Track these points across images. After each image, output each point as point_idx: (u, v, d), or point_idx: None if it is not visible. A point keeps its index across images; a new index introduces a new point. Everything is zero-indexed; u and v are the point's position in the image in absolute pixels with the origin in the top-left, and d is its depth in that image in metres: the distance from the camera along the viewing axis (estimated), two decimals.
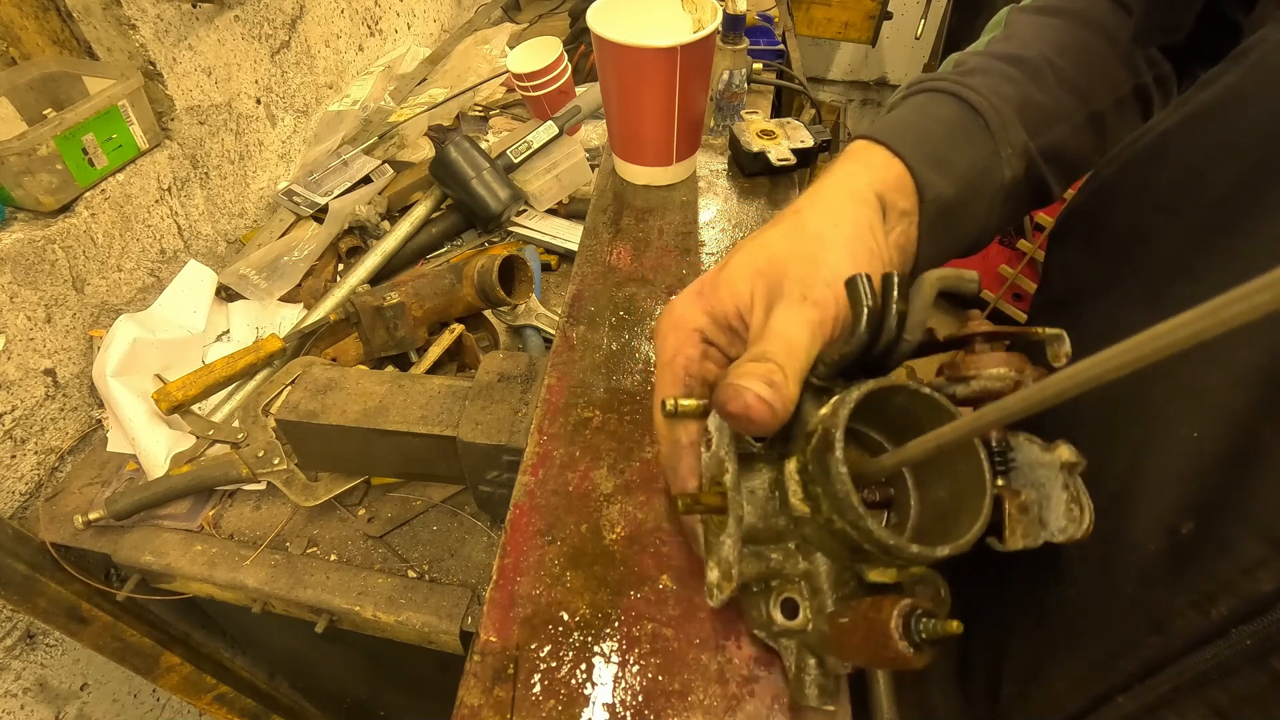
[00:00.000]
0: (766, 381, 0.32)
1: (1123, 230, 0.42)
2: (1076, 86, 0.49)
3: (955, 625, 0.27)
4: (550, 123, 1.13)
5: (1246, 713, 0.32)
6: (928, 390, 0.33)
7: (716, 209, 0.69)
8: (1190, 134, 0.39)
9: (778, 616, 0.34)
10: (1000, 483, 0.33)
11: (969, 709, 0.50)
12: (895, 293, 0.33)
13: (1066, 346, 0.33)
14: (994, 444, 0.34)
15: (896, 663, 0.27)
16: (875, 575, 0.33)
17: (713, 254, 0.64)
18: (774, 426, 0.33)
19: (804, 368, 0.35)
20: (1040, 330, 0.34)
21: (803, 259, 0.38)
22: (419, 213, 1.12)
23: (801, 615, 0.34)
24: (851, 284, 0.34)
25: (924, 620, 0.27)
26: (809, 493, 0.33)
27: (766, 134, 0.72)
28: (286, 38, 1.22)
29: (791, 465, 0.34)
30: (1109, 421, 0.39)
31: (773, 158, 0.70)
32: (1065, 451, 0.33)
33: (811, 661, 0.35)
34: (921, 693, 0.56)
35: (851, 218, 0.40)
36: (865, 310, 0.33)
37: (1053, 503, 0.33)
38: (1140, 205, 0.41)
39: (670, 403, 0.36)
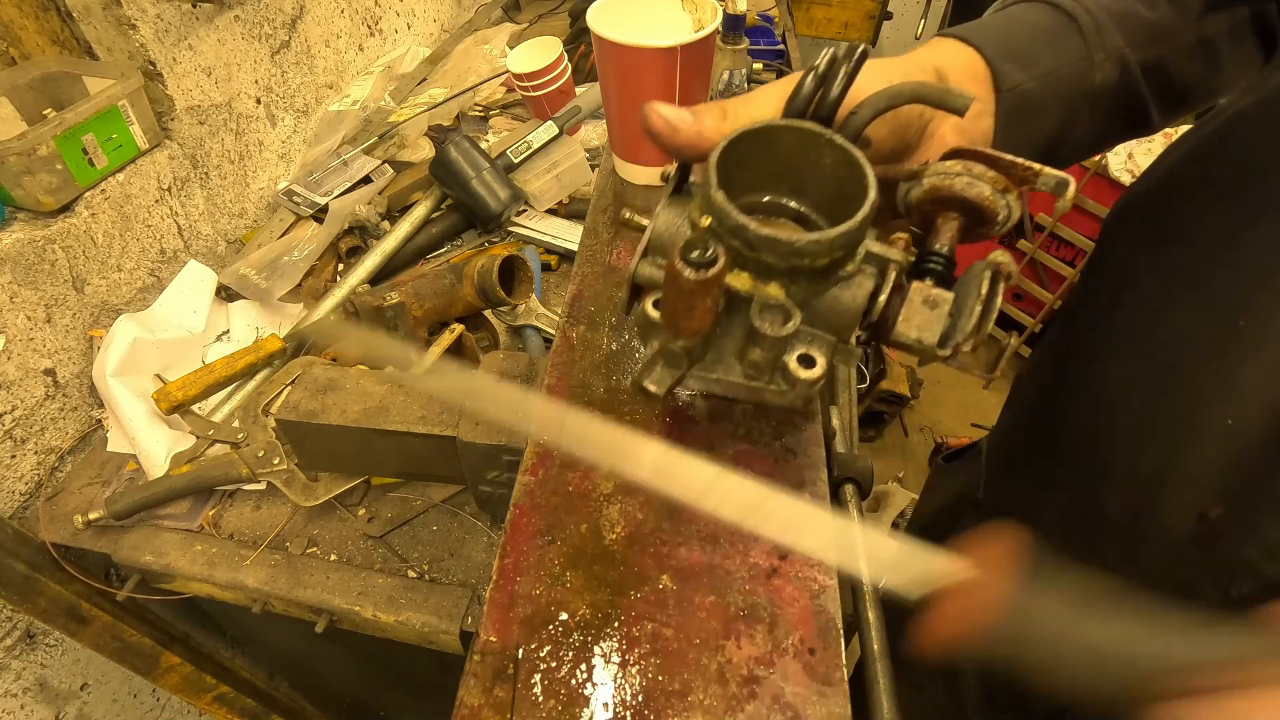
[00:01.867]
0: (678, 111, 0.36)
1: (1185, 218, 0.42)
2: (1186, 7, 0.46)
3: (722, 255, 0.31)
4: (550, 123, 1.13)
5: None
6: (812, 127, 0.35)
7: None
8: (1263, 120, 0.38)
9: (649, 310, 0.37)
10: (927, 285, 0.35)
11: (991, 685, 0.51)
12: (850, 63, 0.36)
13: (1071, 191, 0.34)
14: (942, 249, 0.35)
15: (683, 289, 0.31)
16: (732, 279, 0.35)
17: None
18: (677, 144, 0.37)
19: (745, 114, 0.37)
20: (1036, 166, 0.34)
21: None
22: (419, 213, 1.12)
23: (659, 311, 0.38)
24: (823, 51, 0.37)
25: (694, 252, 0.31)
26: (704, 212, 0.36)
27: None
28: (286, 38, 1.22)
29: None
30: (1150, 408, 0.40)
31: None
32: (998, 254, 0.34)
33: (655, 348, 0.38)
34: (948, 674, 0.57)
35: (890, 62, 0.40)
36: (816, 66, 0.36)
37: (966, 306, 0.34)
38: (1204, 193, 0.41)
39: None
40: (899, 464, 2.14)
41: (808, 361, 0.36)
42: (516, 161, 1.11)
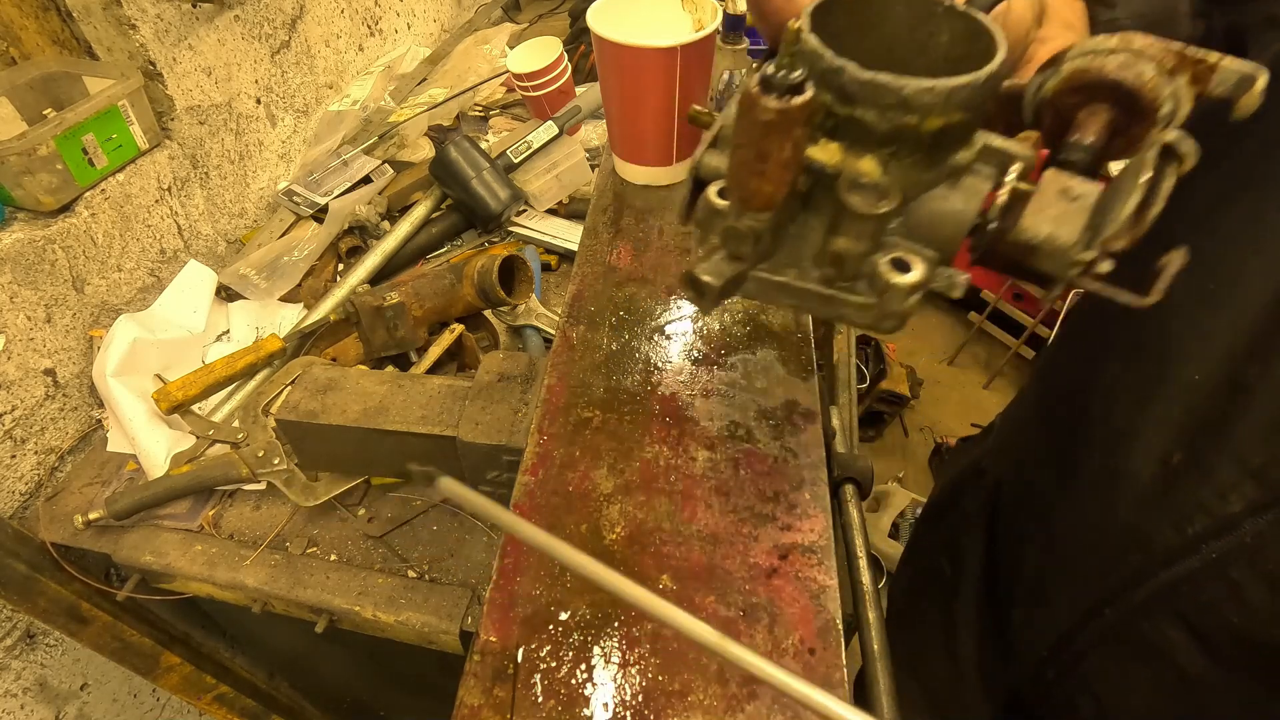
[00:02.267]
0: None
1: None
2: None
3: (811, 87, 0.25)
4: (550, 123, 1.13)
5: (1207, 619, 0.36)
6: None
7: None
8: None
9: (713, 198, 0.31)
10: (1065, 175, 0.28)
11: (985, 647, 0.54)
12: None
13: (1261, 84, 0.27)
14: (1084, 140, 0.29)
15: (758, 126, 0.25)
16: (815, 152, 0.29)
17: None
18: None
19: None
20: (1212, 56, 0.28)
21: None
22: (419, 213, 1.12)
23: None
24: None
25: (778, 72, 0.25)
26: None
27: None
28: (286, 38, 1.21)
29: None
30: (1126, 364, 0.42)
31: None
32: (1173, 134, 0.27)
33: (716, 241, 0.32)
34: (949, 641, 0.60)
35: None
36: None
37: (1122, 191, 0.27)
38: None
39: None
40: (899, 464, 2.13)
41: (903, 266, 0.28)
42: (516, 161, 1.11)
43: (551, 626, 0.39)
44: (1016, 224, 0.27)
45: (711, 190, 0.31)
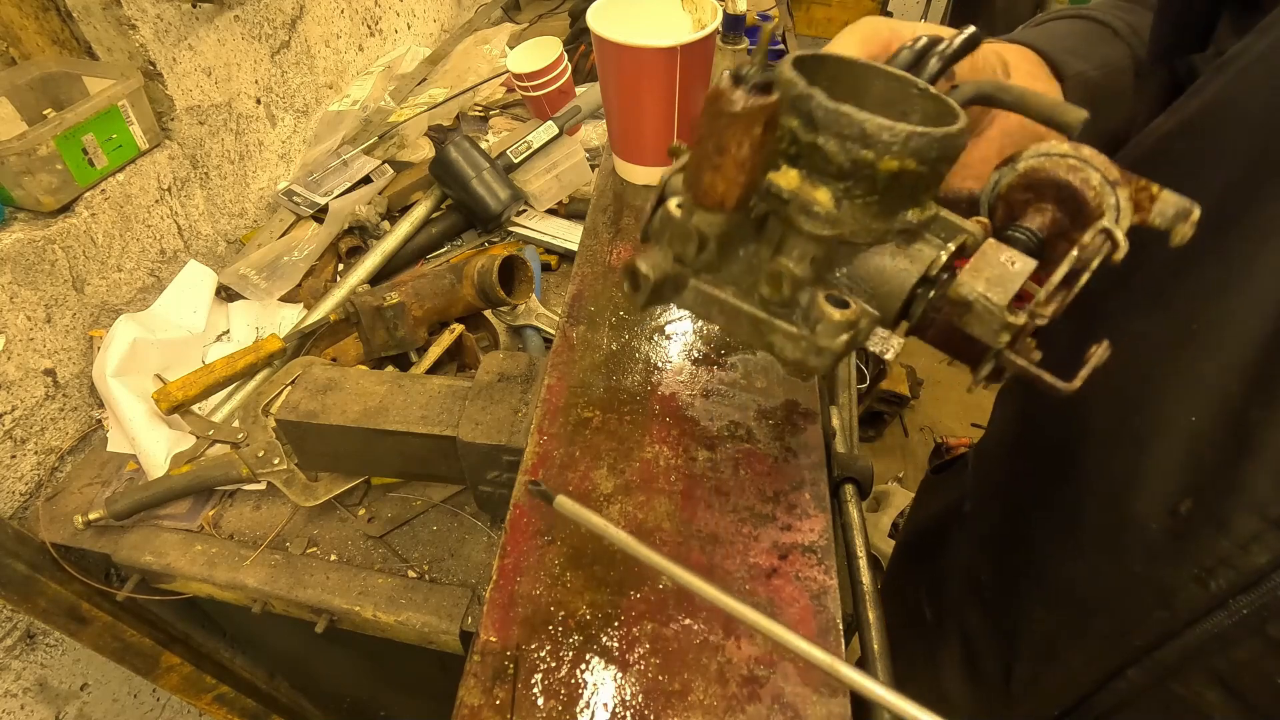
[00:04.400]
0: None
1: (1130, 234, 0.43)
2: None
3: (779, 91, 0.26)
4: (550, 123, 1.13)
5: (1246, 678, 0.34)
6: (906, 75, 0.31)
7: None
8: (1188, 138, 0.40)
9: (671, 208, 0.32)
10: (1007, 248, 0.29)
11: (980, 693, 0.52)
12: (953, 46, 0.32)
13: (1195, 217, 0.30)
14: (1030, 224, 0.30)
15: (721, 117, 0.26)
16: (775, 176, 0.30)
17: None
18: None
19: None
20: (1154, 187, 0.30)
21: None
22: (419, 213, 1.12)
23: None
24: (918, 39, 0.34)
25: (748, 69, 0.26)
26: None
27: None
28: (286, 38, 1.21)
29: None
30: (1116, 412, 0.41)
31: None
32: (1110, 224, 0.28)
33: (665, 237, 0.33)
34: (934, 680, 0.57)
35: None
36: (912, 43, 0.32)
37: (1050, 267, 0.29)
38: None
39: None
40: (899, 464, 2.13)
41: (839, 302, 0.29)
42: (516, 161, 1.11)
43: (551, 626, 0.39)
44: (952, 281, 0.28)
45: (671, 202, 0.32)
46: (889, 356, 0.30)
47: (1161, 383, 0.37)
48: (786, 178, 0.29)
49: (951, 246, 0.29)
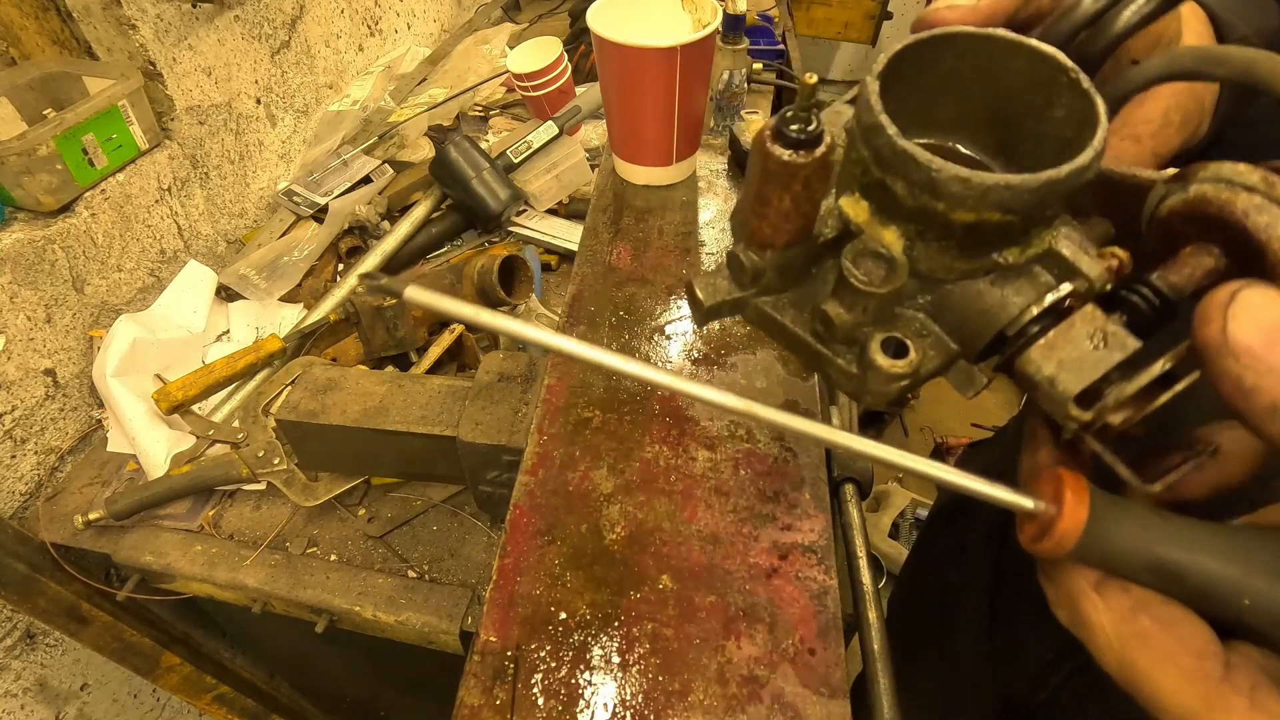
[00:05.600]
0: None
1: None
2: None
3: (829, 139, 0.23)
4: (550, 123, 1.13)
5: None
6: (1058, 57, 0.24)
7: (716, 209, 0.69)
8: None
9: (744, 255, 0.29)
10: (1109, 318, 0.23)
11: (980, 649, 0.53)
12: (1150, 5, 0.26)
13: None
14: (1162, 281, 0.24)
15: (762, 170, 0.24)
16: (847, 204, 0.27)
17: (713, 254, 0.64)
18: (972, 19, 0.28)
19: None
20: None
21: None
22: (419, 213, 1.12)
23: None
24: None
25: (793, 124, 0.23)
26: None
27: None
28: (286, 38, 1.21)
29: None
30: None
31: None
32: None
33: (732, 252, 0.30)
34: (946, 644, 0.58)
35: None
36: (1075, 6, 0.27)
37: (1140, 366, 0.23)
38: None
39: None
40: None
41: (897, 348, 0.26)
42: (516, 161, 1.11)
43: (551, 626, 0.39)
44: (1035, 340, 0.24)
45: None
46: (968, 395, 0.26)
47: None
48: (858, 209, 0.26)
49: (1048, 300, 0.24)
